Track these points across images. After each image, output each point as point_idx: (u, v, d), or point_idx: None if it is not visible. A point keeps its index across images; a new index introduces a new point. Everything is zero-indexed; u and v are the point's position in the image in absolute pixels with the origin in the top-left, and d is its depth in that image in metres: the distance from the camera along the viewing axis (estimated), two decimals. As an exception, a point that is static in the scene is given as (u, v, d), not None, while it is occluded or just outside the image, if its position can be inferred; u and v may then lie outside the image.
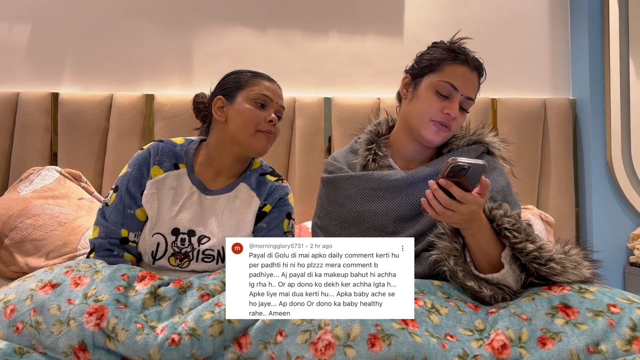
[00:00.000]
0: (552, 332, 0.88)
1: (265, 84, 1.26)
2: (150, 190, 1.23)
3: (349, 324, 0.83)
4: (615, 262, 2.16)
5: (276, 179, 1.33)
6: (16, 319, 0.92)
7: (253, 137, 1.22)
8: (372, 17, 2.22)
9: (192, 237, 1.21)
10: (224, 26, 2.16)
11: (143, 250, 1.22)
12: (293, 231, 1.32)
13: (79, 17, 2.10)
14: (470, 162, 0.92)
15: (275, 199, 1.30)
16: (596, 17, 2.21)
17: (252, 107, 1.23)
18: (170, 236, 1.20)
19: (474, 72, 1.21)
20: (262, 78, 1.28)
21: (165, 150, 1.27)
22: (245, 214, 1.26)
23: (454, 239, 1.06)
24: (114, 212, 1.21)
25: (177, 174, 1.26)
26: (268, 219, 1.28)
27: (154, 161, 1.25)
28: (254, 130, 1.22)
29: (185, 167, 1.27)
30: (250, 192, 1.28)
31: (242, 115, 1.22)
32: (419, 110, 1.21)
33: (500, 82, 2.25)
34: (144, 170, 1.24)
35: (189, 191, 1.25)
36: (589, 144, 2.20)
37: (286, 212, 1.30)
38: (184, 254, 1.21)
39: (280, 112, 1.28)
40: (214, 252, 1.22)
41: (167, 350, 0.86)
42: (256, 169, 1.33)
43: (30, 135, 1.97)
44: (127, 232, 1.21)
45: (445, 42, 1.24)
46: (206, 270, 1.21)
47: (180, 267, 1.21)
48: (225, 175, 1.29)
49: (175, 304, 0.97)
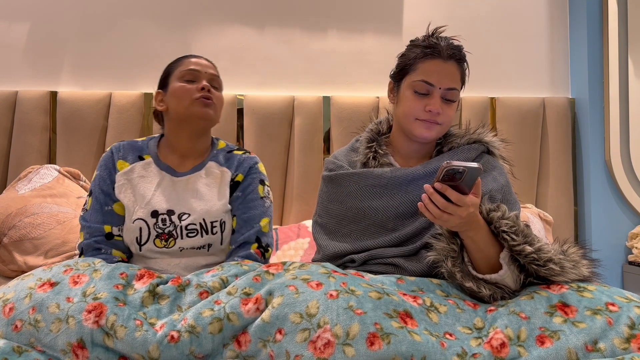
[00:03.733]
0: (550, 331, 0.88)
1: (191, 60, 1.33)
2: (120, 182, 1.29)
3: (348, 322, 0.83)
4: (613, 261, 2.16)
5: (243, 152, 1.39)
6: (15, 318, 0.91)
7: (191, 107, 1.27)
8: (371, 15, 2.22)
9: (172, 216, 1.25)
10: (222, 25, 2.16)
11: (129, 241, 1.25)
12: (270, 196, 1.37)
13: (77, 15, 2.09)
14: (465, 166, 0.92)
15: (246, 168, 1.35)
16: (595, 16, 2.21)
17: (181, 84, 1.29)
18: (150, 219, 1.24)
19: (449, 62, 1.18)
20: (187, 57, 1.35)
21: (127, 147, 1.34)
22: (220, 186, 1.31)
23: (451, 241, 1.06)
24: (93, 213, 1.27)
25: (144, 164, 1.32)
26: (242, 187, 1.33)
27: (118, 157, 1.32)
28: (189, 102, 1.27)
29: (150, 157, 1.33)
30: (220, 168, 1.34)
31: (175, 94, 1.29)
32: (404, 112, 1.21)
33: (499, 81, 2.25)
34: (111, 167, 1.31)
35: (159, 176, 1.30)
36: (588, 143, 2.20)
37: (259, 179, 1.35)
38: (167, 233, 1.24)
39: (215, 82, 1.33)
40: (196, 225, 1.25)
41: (166, 347, 0.86)
42: (222, 148, 1.39)
43: (28, 134, 1.97)
44: (110, 228, 1.26)
45: (420, 38, 1.23)
46: (193, 246, 1.25)
47: (167, 247, 1.25)
48: (190, 157, 1.34)
49: (174, 301, 0.97)
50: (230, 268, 1.05)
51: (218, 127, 2.03)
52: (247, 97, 2.07)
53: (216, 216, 1.27)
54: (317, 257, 1.28)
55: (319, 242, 1.27)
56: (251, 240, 1.28)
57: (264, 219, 1.31)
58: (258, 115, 2.05)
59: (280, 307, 0.87)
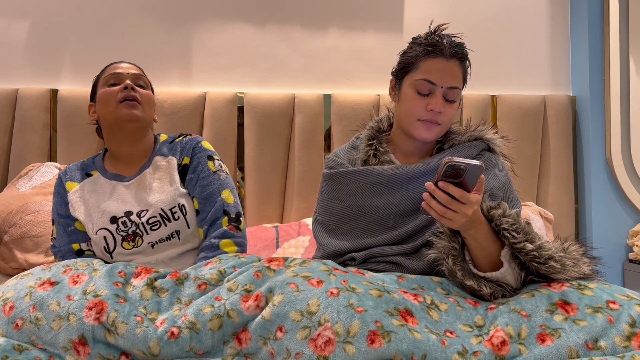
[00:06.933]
0: (551, 329, 0.88)
1: (112, 65, 1.36)
2: (72, 201, 1.32)
3: (349, 320, 0.83)
4: (614, 259, 2.16)
5: (183, 137, 1.40)
6: (15, 316, 0.92)
7: (116, 110, 1.29)
8: (371, 13, 2.22)
9: (130, 216, 1.27)
10: (223, 22, 2.16)
11: (99, 252, 1.29)
12: (224, 169, 1.37)
13: (78, 13, 2.09)
14: (467, 162, 0.91)
15: (189, 149, 1.36)
16: (596, 13, 2.21)
17: (104, 89, 1.32)
18: (111, 225, 1.27)
19: (451, 60, 1.18)
20: (110, 64, 1.37)
21: (73, 169, 1.38)
22: (170, 175, 1.33)
23: (452, 239, 1.06)
24: (59, 237, 1.32)
25: (92, 180, 1.35)
26: (192, 168, 1.34)
27: (66, 179, 1.36)
28: (114, 105, 1.29)
29: (97, 172, 1.37)
30: (166, 158, 1.36)
31: (101, 100, 1.32)
32: (405, 111, 1.21)
33: (500, 79, 2.25)
34: (62, 191, 1.35)
35: (109, 186, 1.33)
36: (589, 140, 2.20)
37: (206, 155, 1.36)
38: (132, 233, 1.27)
39: (139, 80, 1.35)
40: (157, 217, 1.27)
41: (166, 343, 0.86)
42: (164, 140, 1.41)
43: (29, 131, 1.97)
44: (78, 245, 1.31)
45: (422, 36, 1.22)
46: (161, 238, 1.27)
47: (136, 247, 1.26)
48: (135, 161, 1.36)
49: (174, 294, 0.97)
50: (228, 260, 1.06)
51: (217, 125, 2.03)
52: (247, 95, 2.07)
53: (172, 202, 1.28)
54: (317, 255, 1.28)
55: (319, 240, 1.27)
56: (219, 215, 1.29)
57: (225, 191, 1.32)
58: (258, 113, 2.05)
59: (281, 305, 0.87)
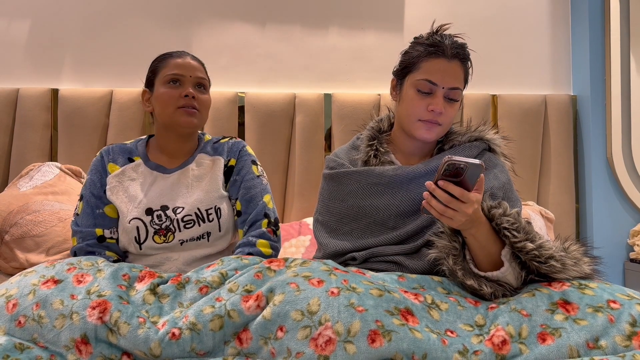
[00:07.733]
0: (551, 328, 0.88)
1: (174, 61, 1.31)
2: (111, 184, 1.30)
3: (350, 319, 0.84)
4: (615, 259, 2.16)
5: (229, 139, 1.41)
6: (18, 313, 0.92)
7: (174, 115, 1.28)
8: (372, 12, 2.22)
9: (166, 211, 1.27)
10: (223, 22, 2.16)
11: (127, 241, 1.26)
12: (264, 175, 1.39)
13: (78, 12, 2.09)
14: (467, 162, 0.92)
15: (236, 152, 1.37)
16: (597, 12, 2.21)
17: (165, 90, 1.28)
18: (145, 217, 1.26)
19: (453, 61, 1.17)
20: (171, 57, 1.32)
21: (116, 150, 1.36)
22: (213, 175, 1.32)
23: (453, 238, 1.06)
24: (84, 217, 1.29)
25: (134, 166, 1.33)
26: (237, 170, 1.35)
27: (108, 160, 1.33)
28: (173, 109, 1.28)
29: (139, 158, 1.34)
30: (210, 157, 1.36)
31: (159, 100, 1.29)
32: (406, 111, 1.21)
33: (501, 79, 2.25)
34: (101, 171, 1.32)
35: (150, 176, 1.31)
36: (590, 140, 2.20)
37: (250, 160, 1.38)
38: (165, 228, 1.26)
39: (202, 83, 1.33)
40: (192, 216, 1.27)
41: (167, 345, 0.86)
42: (209, 140, 1.41)
43: (30, 131, 1.97)
44: (101, 231, 1.28)
45: (424, 36, 1.22)
46: (192, 237, 1.27)
47: (167, 242, 1.26)
48: (179, 156, 1.35)
49: (175, 299, 0.97)
50: (230, 262, 1.06)
51: (218, 125, 2.03)
52: (248, 95, 2.07)
53: (210, 203, 1.28)
54: (318, 255, 1.28)
55: (319, 240, 1.27)
56: (260, 217, 1.30)
57: (266, 196, 1.34)
58: (259, 113, 2.05)
59: (282, 305, 0.88)
